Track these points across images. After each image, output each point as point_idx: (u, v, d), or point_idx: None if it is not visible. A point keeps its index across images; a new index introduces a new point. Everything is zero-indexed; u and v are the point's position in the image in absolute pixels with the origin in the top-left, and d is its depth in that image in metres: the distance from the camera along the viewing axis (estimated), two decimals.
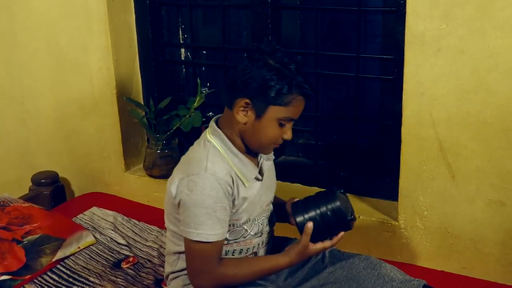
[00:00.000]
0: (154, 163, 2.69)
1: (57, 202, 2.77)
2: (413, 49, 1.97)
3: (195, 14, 2.72)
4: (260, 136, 1.59)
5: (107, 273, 2.14)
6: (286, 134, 1.61)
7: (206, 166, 1.56)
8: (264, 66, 1.53)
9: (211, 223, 1.54)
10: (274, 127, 1.58)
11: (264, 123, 1.57)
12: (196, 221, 1.55)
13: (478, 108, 1.92)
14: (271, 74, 1.52)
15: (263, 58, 1.55)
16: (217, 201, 1.54)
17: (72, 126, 2.88)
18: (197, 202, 1.54)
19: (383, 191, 2.38)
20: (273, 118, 1.56)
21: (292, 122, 1.61)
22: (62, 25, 2.70)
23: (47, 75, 2.84)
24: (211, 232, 1.55)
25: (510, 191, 1.95)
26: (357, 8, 2.30)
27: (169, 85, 2.85)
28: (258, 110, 1.56)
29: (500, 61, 1.85)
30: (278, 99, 1.53)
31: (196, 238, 1.55)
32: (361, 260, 1.72)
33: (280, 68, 1.53)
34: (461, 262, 2.11)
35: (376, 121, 2.45)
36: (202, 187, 1.54)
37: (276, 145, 1.64)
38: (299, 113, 1.60)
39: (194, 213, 1.55)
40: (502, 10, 1.80)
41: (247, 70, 1.55)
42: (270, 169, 1.77)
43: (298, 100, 1.56)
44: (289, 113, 1.56)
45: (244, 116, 1.58)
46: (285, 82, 1.52)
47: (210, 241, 1.55)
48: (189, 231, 1.56)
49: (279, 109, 1.55)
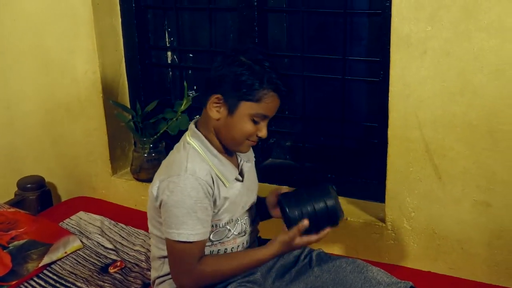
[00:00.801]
0: (141, 166, 2.68)
1: (43, 207, 2.75)
2: (399, 51, 1.97)
3: (182, 17, 2.72)
4: (233, 132, 1.60)
5: (94, 278, 2.12)
6: (260, 131, 1.61)
7: (186, 167, 1.56)
8: (235, 62, 1.55)
9: (192, 223, 1.55)
10: (247, 123, 1.58)
11: (236, 119, 1.57)
12: (177, 221, 1.55)
13: (463, 110, 1.93)
14: (242, 69, 1.54)
15: (236, 56, 1.56)
16: (197, 201, 1.55)
17: (58, 130, 2.86)
18: (177, 203, 1.54)
19: (370, 193, 2.39)
20: (245, 114, 1.57)
21: (267, 120, 1.61)
22: (48, 29, 2.69)
23: (33, 79, 2.82)
24: (192, 232, 1.55)
25: (495, 192, 1.97)
26: (343, 11, 2.31)
27: (155, 89, 2.84)
28: (230, 106, 1.57)
29: (485, 63, 1.86)
30: (249, 94, 1.54)
31: (177, 238, 1.55)
32: (348, 264, 1.72)
33: (252, 64, 1.54)
34: (448, 263, 2.12)
35: (363, 123, 2.46)
36: (183, 187, 1.54)
37: (251, 142, 1.64)
38: (273, 111, 1.60)
39: (175, 213, 1.55)
40: (487, 12, 1.82)
41: (219, 67, 1.58)
42: (250, 171, 1.78)
43: (270, 96, 1.56)
44: (261, 109, 1.56)
45: (216, 112, 1.59)
46: (256, 77, 1.53)
47: (191, 241, 1.55)
48: (170, 232, 1.56)
49: (251, 105, 1.55)
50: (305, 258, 1.77)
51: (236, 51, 1.59)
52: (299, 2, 2.41)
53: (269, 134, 2.56)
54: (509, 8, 1.78)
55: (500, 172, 1.94)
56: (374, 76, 2.29)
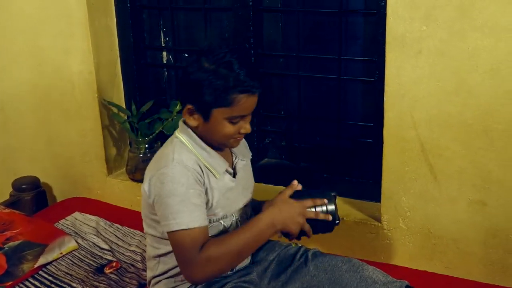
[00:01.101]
0: (137, 167, 2.67)
1: (38, 208, 2.75)
2: (394, 51, 1.98)
3: (177, 17, 2.72)
4: (215, 136, 1.60)
5: (90, 279, 2.12)
6: (243, 128, 1.59)
7: (173, 157, 1.56)
8: (199, 70, 1.52)
9: (187, 210, 1.53)
10: (225, 126, 1.57)
11: (213, 124, 1.57)
12: (172, 211, 1.53)
13: (459, 109, 1.94)
14: (205, 77, 1.51)
15: (199, 62, 1.53)
16: (189, 188, 1.54)
17: (53, 130, 2.85)
18: (170, 192, 1.53)
19: (366, 193, 2.39)
20: (220, 119, 1.55)
21: (247, 117, 1.58)
22: (43, 29, 2.68)
23: (28, 79, 2.82)
24: (190, 219, 1.52)
25: (491, 191, 1.97)
26: (339, 11, 2.31)
27: (151, 89, 2.84)
28: (204, 114, 1.56)
29: (480, 62, 1.86)
30: (218, 101, 1.52)
31: (177, 228, 1.52)
32: (343, 263, 1.72)
33: (215, 69, 1.51)
34: (444, 262, 2.13)
35: (358, 122, 2.46)
36: (172, 176, 1.53)
37: (237, 138, 1.62)
38: (250, 108, 1.57)
39: (170, 203, 1.53)
40: (481, 12, 1.82)
41: (185, 76, 1.56)
42: (245, 169, 1.77)
43: (242, 98, 1.52)
44: (236, 112, 1.54)
45: (193, 120, 1.59)
46: (223, 83, 1.50)
47: (191, 227, 1.52)
48: (169, 223, 1.53)
49: (224, 110, 1.54)
50: (301, 258, 1.77)
51: (200, 55, 1.55)
52: (295, 2, 2.41)
53: (265, 134, 2.60)
54: (503, 8, 1.79)
55: (495, 171, 1.94)
56: (370, 76, 2.29)
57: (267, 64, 2.54)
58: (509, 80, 1.84)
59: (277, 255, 1.80)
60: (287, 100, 2.59)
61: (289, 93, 2.57)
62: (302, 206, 1.61)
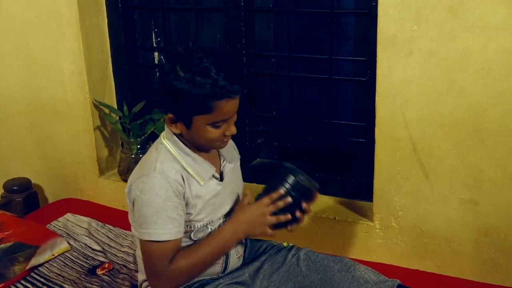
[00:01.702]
0: (129, 167, 2.66)
1: (30, 209, 2.73)
2: (385, 51, 1.98)
3: (168, 18, 2.71)
4: (199, 141, 1.59)
5: (82, 280, 2.11)
6: (228, 131, 1.57)
7: (155, 167, 1.55)
8: (175, 79, 1.47)
9: (161, 222, 1.52)
10: (209, 132, 1.54)
11: (196, 131, 1.55)
12: (147, 221, 1.53)
13: (450, 109, 1.94)
14: (182, 86, 1.46)
15: (174, 69, 1.48)
16: (166, 200, 1.53)
17: (44, 131, 2.84)
18: (146, 202, 1.53)
19: (358, 192, 2.40)
20: (202, 125, 1.53)
21: (230, 119, 1.56)
22: (33, 30, 2.67)
23: (18, 80, 2.80)
24: (162, 232, 1.53)
25: (482, 190, 1.98)
26: (330, 11, 2.31)
27: (142, 89, 2.83)
28: (185, 122, 1.54)
29: (471, 62, 1.87)
30: (198, 109, 1.49)
31: (148, 238, 1.53)
32: (335, 263, 1.72)
33: (191, 78, 1.46)
34: (436, 261, 2.14)
35: (350, 122, 2.46)
36: (151, 186, 1.53)
37: (223, 140, 1.60)
38: (231, 111, 1.53)
39: (145, 213, 1.53)
40: (472, 12, 1.83)
41: (162, 84, 1.54)
42: (233, 172, 1.75)
43: (220, 103, 1.48)
44: (217, 117, 1.51)
45: (176, 129, 1.58)
46: (199, 91, 1.45)
47: (162, 240, 1.53)
48: (141, 232, 1.55)
49: (204, 117, 1.51)
50: (293, 258, 1.77)
51: (175, 60, 1.49)
52: (286, 2, 2.42)
53: (257, 134, 2.60)
54: (494, 7, 1.80)
55: (486, 170, 1.95)
56: (361, 76, 2.30)
57: (258, 64, 2.54)
58: (500, 80, 1.85)
59: (269, 256, 1.80)
60: (279, 100, 2.59)
61: (281, 93, 2.57)
62: (259, 208, 1.60)
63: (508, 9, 1.78)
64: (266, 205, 1.60)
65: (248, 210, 1.61)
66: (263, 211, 1.60)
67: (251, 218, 1.61)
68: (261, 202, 1.61)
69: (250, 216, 1.61)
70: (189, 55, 1.48)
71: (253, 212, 1.61)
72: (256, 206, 1.61)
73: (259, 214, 1.60)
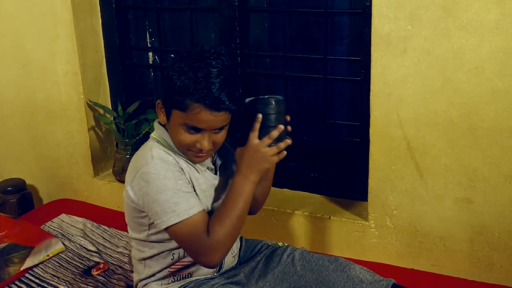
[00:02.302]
0: (124, 168, 2.66)
1: (24, 210, 2.73)
2: (379, 50, 1.99)
3: (162, 18, 2.71)
4: (173, 138, 1.59)
5: (77, 281, 2.11)
6: (199, 143, 1.55)
7: (152, 155, 1.56)
8: (176, 69, 1.51)
9: (182, 200, 1.52)
10: (181, 133, 1.54)
11: (172, 126, 1.56)
12: (169, 205, 1.51)
13: (444, 108, 1.95)
14: (175, 76, 1.50)
15: (174, 60, 1.53)
16: (177, 179, 1.54)
17: (39, 132, 2.84)
18: (160, 188, 1.52)
19: (353, 192, 2.40)
20: (176, 122, 1.54)
21: (205, 133, 1.53)
22: (27, 30, 2.66)
23: (13, 81, 2.80)
24: (187, 207, 1.52)
25: (477, 188, 1.99)
26: (324, 11, 2.31)
27: (137, 89, 2.83)
28: (167, 113, 1.57)
29: (465, 61, 1.88)
30: (177, 103, 1.50)
31: (178, 219, 1.51)
32: (330, 262, 1.72)
33: (185, 71, 1.49)
34: (431, 260, 2.14)
35: (345, 122, 2.47)
36: (156, 173, 1.53)
37: (193, 151, 1.58)
38: (206, 124, 1.51)
39: (163, 199, 1.52)
40: (465, 11, 1.83)
41: (164, 73, 1.56)
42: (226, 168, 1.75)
43: (196, 107, 1.48)
44: (189, 120, 1.51)
45: (161, 116, 1.60)
46: (185, 86, 1.47)
47: (192, 214, 1.52)
48: (169, 218, 1.51)
49: (180, 114, 1.51)
50: (288, 258, 1.77)
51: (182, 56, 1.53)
52: (280, 2, 2.41)
53: None
54: (487, 7, 1.80)
55: (480, 169, 1.96)
56: (356, 75, 2.30)
57: (253, 64, 2.54)
58: (493, 79, 1.86)
59: (264, 255, 1.80)
60: None
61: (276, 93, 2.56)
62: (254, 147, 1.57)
63: (502, 9, 1.79)
64: (259, 141, 1.57)
65: (246, 154, 1.58)
66: (258, 148, 1.56)
67: (253, 158, 1.57)
68: (252, 141, 1.57)
69: (251, 157, 1.57)
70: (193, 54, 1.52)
71: (252, 153, 1.57)
72: (251, 146, 1.57)
73: (258, 153, 1.57)
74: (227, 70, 1.51)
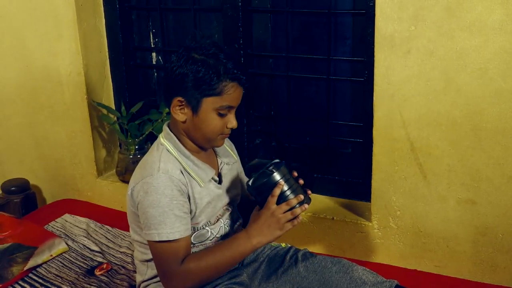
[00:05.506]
0: (127, 168, 2.66)
1: (28, 210, 2.74)
2: (383, 51, 1.98)
3: (166, 18, 2.71)
4: (202, 130, 1.59)
5: (80, 281, 2.11)
6: (230, 123, 1.60)
7: (159, 167, 1.56)
8: (188, 60, 1.54)
9: (169, 221, 1.53)
10: (214, 119, 1.57)
11: (202, 117, 1.57)
12: (155, 221, 1.54)
13: (447, 109, 1.95)
14: (197, 66, 1.53)
15: (188, 54, 1.55)
16: (172, 199, 1.54)
17: (42, 132, 2.84)
18: (153, 203, 1.53)
19: (356, 192, 2.40)
20: (209, 110, 1.56)
21: (233, 110, 1.60)
22: (30, 30, 2.67)
23: (16, 81, 2.80)
24: (171, 231, 1.53)
25: (480, 189, 1.98)
26: (327, 11, 2.31)
27: (140, 90, 2.83)
28: (193, 106, 1.56)
29: (468, 61, 1.87)
30: (209, 90, 1.53)
31: (158, 238, 1.54)
32: (333, 264, 1.73)
33: (205, 59, 1.53)
34: (434, 261, 2.14)
35: (348, 122, 2.46)
36: (156, 187, 1.53)
37: (224, 135, 1.63)
38: (237, 100, 1.59)
39: (152, 214, 1.54)
40: (469, 12, 1.83)
41: (174, 68, 1.56)
42: (230, 174, 1.76)
43: (231, 86, 1.55)
44: (225, 101, 1.55)
45: (182, 115, 1.59)
46: (213, 71, 1.52)
47: (172, 239, 1.53)
48: (150, 233, 1.55)
49: (214, 100, 1.55)
50: (291, 259, 1.77)
51: (188, 49, 1.57)
52: (284, 3, 2.41)
53: (255, 135, 2.60)
54: (491, 7, 1.80)
55: (484, 169, 1.95)
56: (359, 76, 2.30)
57: (256, 65, 2.54)
58: (497, 80, 1.85)
59: (267, 256, 1.81)
60: (276, 101, 2.59)
61: (279, 94, 2.57)
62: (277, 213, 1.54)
63: (505, 9, 1.79)
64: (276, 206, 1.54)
65: (261, 216, 1.55)
66: (275, 213, 1.53)
67: (267, 222, 1.55)
68: (270, 206, 1.54)
69: (266, 220, 1.55)
70: (201, 46, 1.56)
71: (267, 217, 1.54)
72: (268, 210, 1.54)
73: (274, 218, 1.54)
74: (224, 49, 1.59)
